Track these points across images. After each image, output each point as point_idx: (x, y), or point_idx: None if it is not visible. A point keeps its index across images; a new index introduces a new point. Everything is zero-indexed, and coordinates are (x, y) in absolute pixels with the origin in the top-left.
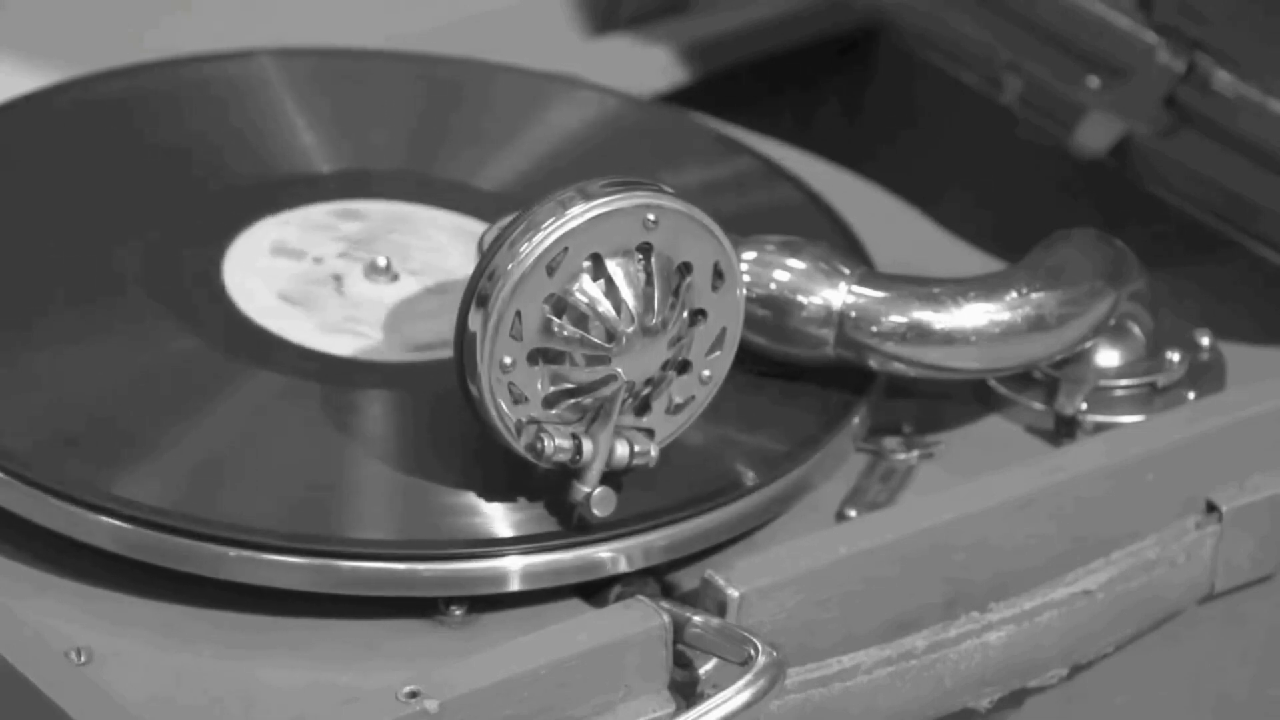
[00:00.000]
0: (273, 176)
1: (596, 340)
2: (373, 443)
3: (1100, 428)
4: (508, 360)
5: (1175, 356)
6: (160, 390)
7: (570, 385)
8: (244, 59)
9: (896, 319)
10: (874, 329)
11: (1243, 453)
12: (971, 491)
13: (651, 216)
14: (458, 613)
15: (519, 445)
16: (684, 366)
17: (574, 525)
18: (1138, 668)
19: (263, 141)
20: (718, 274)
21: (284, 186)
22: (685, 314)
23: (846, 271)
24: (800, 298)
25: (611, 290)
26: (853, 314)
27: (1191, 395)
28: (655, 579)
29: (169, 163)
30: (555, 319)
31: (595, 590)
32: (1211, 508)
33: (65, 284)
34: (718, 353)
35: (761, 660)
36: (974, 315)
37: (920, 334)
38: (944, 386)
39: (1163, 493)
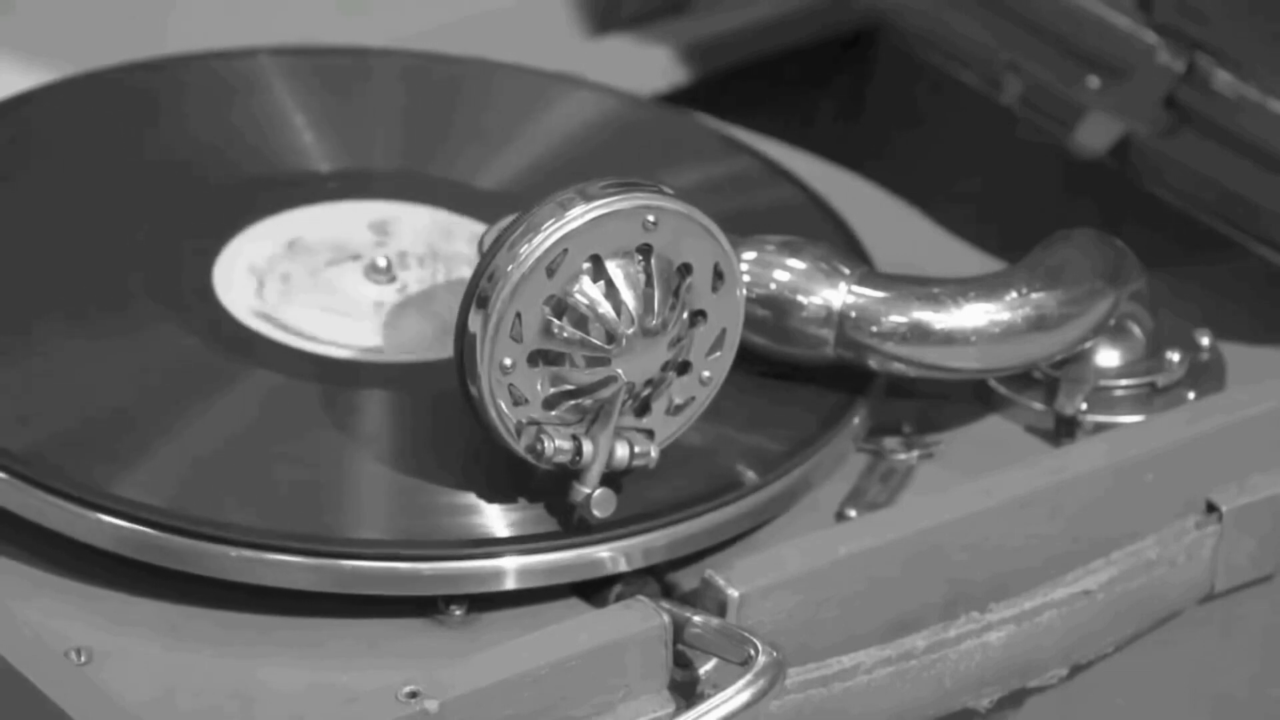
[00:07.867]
0: (272, 176)
1: (596, 342)
2: (372, 443)
3: (1100, 428)
4: (508, 362)
5: (1175, 356)
6: (160, 390)
7: (570, 386)
8: (244, 58)
9: (896, 319)
10: (874, 329)
11: (1243, 453)
12: (971, 491)
13: (651, 218)
14: (458, 612)
15: (519, 446)
16: (684, 367)
17: (574, 525)
18: (1138, 668)
19: (262, 140)
20: (718, 275)
21: (284, 186)
22: (685, 315)
23: (846, 271)
24: (800, 298)
25: (611, 291)
26: (853, 314)
27: (1191, 395)
28: (655, 579)
29: (168, 161)
30: (555, 320)
31: (595, 590)
32: (1211, 508)
33: (64, 283)
34: (718, 353)
35: (761, 660)
36: (974, 315)
37: (920, 334)
38: (944, 386)
39: (1163, 493)
